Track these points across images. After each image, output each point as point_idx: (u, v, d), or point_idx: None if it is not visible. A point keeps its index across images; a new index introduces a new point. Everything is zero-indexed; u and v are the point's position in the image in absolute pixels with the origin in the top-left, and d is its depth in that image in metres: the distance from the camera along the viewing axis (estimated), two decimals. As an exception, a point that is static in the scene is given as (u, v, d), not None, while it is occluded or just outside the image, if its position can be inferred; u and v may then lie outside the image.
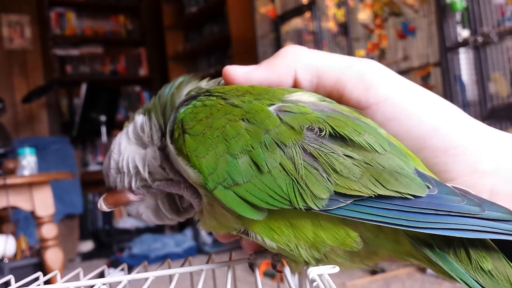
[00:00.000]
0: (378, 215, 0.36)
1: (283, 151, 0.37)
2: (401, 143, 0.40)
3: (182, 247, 4.15)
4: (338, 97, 0.44)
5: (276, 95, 0.42)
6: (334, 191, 0.36)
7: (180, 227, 4.92)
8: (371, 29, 3.44)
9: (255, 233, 0.39)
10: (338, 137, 0.38)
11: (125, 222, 4.92)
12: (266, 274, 2.94)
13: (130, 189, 0.48)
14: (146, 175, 0.47)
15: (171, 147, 0.43)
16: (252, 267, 0.46)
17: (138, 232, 4.71)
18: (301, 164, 0.37)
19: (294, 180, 0.37)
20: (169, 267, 0.50)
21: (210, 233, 4.32)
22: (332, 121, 0.38)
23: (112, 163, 0.48)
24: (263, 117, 0.39)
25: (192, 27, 5.61)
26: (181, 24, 5.67)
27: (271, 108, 0.40)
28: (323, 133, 0.38)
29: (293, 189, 0.37)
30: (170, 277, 0.47)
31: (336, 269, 0.37)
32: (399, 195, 0.36)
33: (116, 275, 0.47)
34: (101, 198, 0.50)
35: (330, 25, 3.68)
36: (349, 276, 2.84)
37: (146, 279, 0.46)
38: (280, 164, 0.37)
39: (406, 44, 3.22)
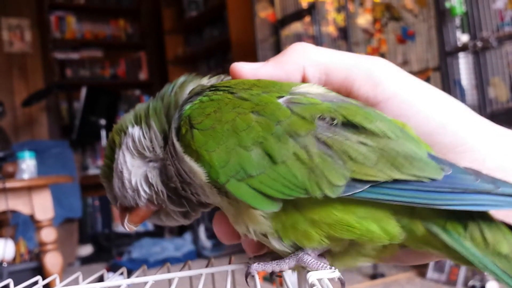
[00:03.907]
0: (394, 195, 0.36)
1: (296, 141, 0.37)
2: (407, 125, 0.40)
3: (181, 251, 4.14)
4: (346, 94, 0.44)
5: (284, 88, 0.41)
6: (351, 178, 0.36)
7: (179, 231, 4.92)
8: (371, 33, 3.44)
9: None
10: (350, 125, 0.38)
11: (124, 226, 4.91)
12: (265, 279, 2.94)
13: (149, 201, 0.48)
14: (159, 190, 0.47)
15: (177, 144, 0.42)
16: (247, 277, 0.45)
17: (138, 236, 4.70)
18: (316, 153, 0.37)
19: (309, 169, 0.37)
20: (169, 271, 0.50)
21: (209, 237, 4.31)
22: (343, 110, 0.38)
23: (126, 183, 0.47)
24: (273, 109, 0.39)
25: (192, 31, 5.62)
26: (181, 28, 5.68)
27: (280, 101, 0.40)
28: (335, 121, 0.38)
29: (309, 178, 0.37)
30: (170, 281, 0.47)
31: (336, 273, 0.37)
32: (415, 178, 0.36)
33: (115, 279, 0.47)
34: (125, 221, 0.49)
35: (330, 29, 3.69)
36: (349, 280, 2.84)
37: (146, 283, 0.45)
38: (294, 153, 0.37)
39: (405, 49, 3.23)
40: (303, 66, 0.44)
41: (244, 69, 0.45)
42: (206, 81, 0.48)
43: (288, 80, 0.45)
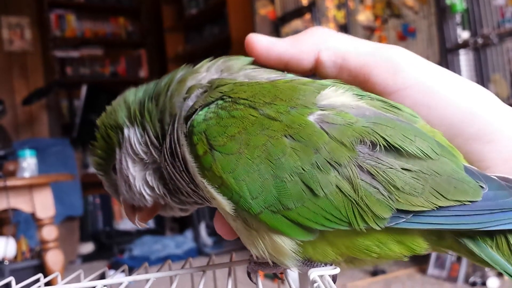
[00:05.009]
0: (437, 223, 0.35)
1: (338, 172, 0.35)
2: (437, 132, 0.39)
3: (182, 249, 4.14)
4: (363, 80, 0.42)
5: (308, 98, 0.38)
6: (396, 209, 0.35)
7: (180, 229, 4.92)
8: (372, 30, 3.44)
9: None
10: (391, 149, 0.36)
11: (125, 224, 4.91)
12: (267, 276, 2.94)
13: (155, 200, 0.48)
14: (161, 192, 0.47)
15: (193, 165, 0.39)
16: (250, 276, 0.45)
17: (139, 233, 4.70)
18: (359, 184, 0.35)
19: (353, 201, 0.35)
20: (170, 269, 0.50)
21: (210, 235, 4.31)
22: (381, 131, 0.36)
23: (133, 188, 0.47)
24: (309, 133, 0.36)
25: (192, 28, 5.61)
26: (181, 25, 5.67)
27: (312, 119, 0.37)
28: (377, 147, 0.36)
29: (353, 211, 0.35)
30: (171, 278, 0.47)
31: (337, 270, 0.37)
32: (458, 203, 0.35)
33: (117, 277, 0.47)
34: (136, 220, 0.49)
35: (330, 26, 3.68)
36: (350, 277, 2.84)
37: (147, 280, 0.46)
38: (336, 186, 0.35)
39: (406, 46, 3.21)
40: (319, 50, 0.43)
41: (260, 42, 0.45)
42: (204, 74, 0.46)
43: (300, 59, 0.43)
